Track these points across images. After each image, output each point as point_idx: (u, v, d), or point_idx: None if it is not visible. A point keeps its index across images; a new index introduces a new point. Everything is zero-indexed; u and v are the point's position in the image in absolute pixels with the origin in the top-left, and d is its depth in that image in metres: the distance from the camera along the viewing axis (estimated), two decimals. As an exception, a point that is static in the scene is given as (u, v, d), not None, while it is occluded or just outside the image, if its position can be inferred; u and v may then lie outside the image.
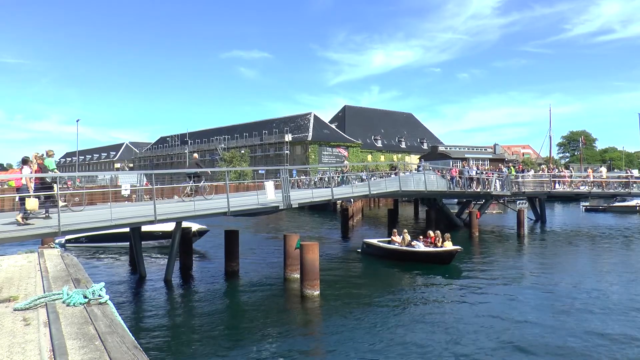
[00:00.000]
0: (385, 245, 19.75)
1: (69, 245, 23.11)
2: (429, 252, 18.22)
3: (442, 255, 17.96)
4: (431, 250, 18.26)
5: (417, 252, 18.43)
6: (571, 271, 17.24)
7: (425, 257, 18.22)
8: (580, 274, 16.61)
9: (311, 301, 13.08)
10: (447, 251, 17.90)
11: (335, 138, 77.62)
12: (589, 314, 11.74)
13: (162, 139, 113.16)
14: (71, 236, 23.09)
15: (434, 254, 18.09)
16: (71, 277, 6.03)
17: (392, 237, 20.02)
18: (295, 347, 9.73)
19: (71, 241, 23.24)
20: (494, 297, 13.52)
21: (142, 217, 13.05)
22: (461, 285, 14.95)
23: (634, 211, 40.90)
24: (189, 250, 18.08)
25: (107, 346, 3.34)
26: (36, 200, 11.27)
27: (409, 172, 30.27)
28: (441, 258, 17.94)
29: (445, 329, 10.63)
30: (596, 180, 34.24)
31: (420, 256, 18.36)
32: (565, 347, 9.48)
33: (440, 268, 17.27)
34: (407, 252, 18.68)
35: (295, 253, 15.01)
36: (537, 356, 9.02)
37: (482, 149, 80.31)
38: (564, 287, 14.62)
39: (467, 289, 14.52)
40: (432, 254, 18.13)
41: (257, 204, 15.90)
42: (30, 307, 4.57)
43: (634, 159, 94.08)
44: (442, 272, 16.76)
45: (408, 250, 18.67)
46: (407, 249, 18.72)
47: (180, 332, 11.03)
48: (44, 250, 8.61)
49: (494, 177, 30.55)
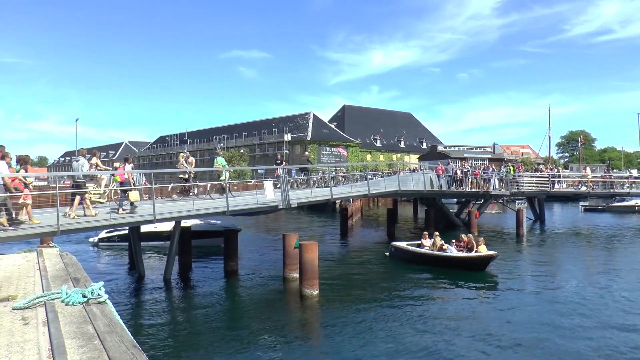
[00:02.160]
0: (414, 249, 18.68)
1: (102, 245, 23.08)
2: (461, 258, 16.93)
3: (476, 260, 16.73)
4: (464, 255, 16.98)
5: (449, 257, 17.17)
6: (580, 273, 17.26)
7: (457, 263, 17.01)
8: (586, 274, 16.64)
9: (310, 301, 13.09)
10: (481, 256, 16.69)
11: (335, 138, 77.60)
12: (602, 318, 11.70)
13: (162, 138, 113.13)
14: (104, 235, 23.14)
15: (467, 260, 16.83)
16: (70, 276, 6.02)
17: (422, 241, 18.89)
18: (294, 346, 9.74)
19: (104, 240, 23.21)
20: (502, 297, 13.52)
21: (141, 216, 13.03)
22: (471, 287, 14.93)
23: (633, 211, 40.95)
24: (188, 249, 18.07)
25: (106, 345, 3.34)
26: (137, 193, 13.94)
27: (409, 171, 30.31)
28: (475, 264, 16.74)
29: (447, 330, 10.64)
30: (583, 180, 34.21)
31: (452, 261, 17.12)
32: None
33: (472, 275, 16.11)
34: (438, 257, 17.47)
35: (295, 252, 15.01)
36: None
37: (481, 149, 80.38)
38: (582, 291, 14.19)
39: (475, 290, 14.53)
40: (464, 260, 16.86)
41: (256, 203, 15.90)
42: (29, 306, 4.57)
43: (633, 158, 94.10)
44: (468, 277, 15.74)
45: (439, 255, 17.45)
46: (438, 254, 17.51)
47: (179, 331, 11.03)
48: (43, 250, 8.60)
49: (492, 176, 30.14)
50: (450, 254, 17.23)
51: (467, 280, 15.44)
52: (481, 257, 16.70)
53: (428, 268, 17.17)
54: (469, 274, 16.11)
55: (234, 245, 17.41)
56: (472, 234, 18.26)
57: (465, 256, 16.88)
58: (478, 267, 16.66)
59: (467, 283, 15.13)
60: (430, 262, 17.60)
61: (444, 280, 15.55)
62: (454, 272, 16.40)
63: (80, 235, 24.70)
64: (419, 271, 16.89)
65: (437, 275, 16.27)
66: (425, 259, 17.88)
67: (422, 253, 18.10)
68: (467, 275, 16.03)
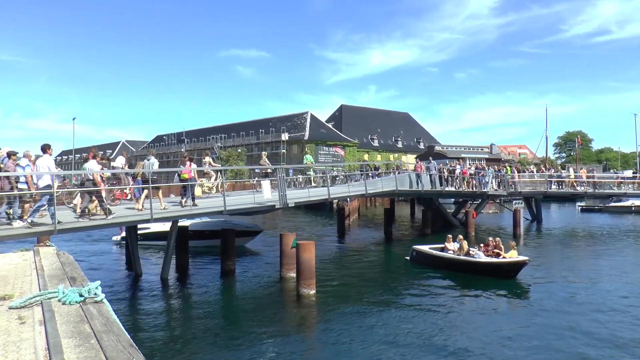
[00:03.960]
0: (439, 253, 17.53)
1: (124, 243, 22.89)
2: (490, 264, 15.77)
3: (506, 267, 15.55)
4: (494, 261, 15.78)
5: (477, 263, 16.03)
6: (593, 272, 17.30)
7: (485, 269, 15.83)
8: (590, 274, 16.69)
9: (307, 300, 13.10)
10: (512, 263, 15.49)
11: (332, 137, 77.58)
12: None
13: (159, 137, 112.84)
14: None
15: (496, 266, 15.65)
16: (67, 275, 6.01)
17: (446, 244, 17.77)
18: (290, 346, 9.74)
19: (126, 239, 23.02)
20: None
21: (138, 215, 13.01)
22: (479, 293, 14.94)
23: (630, 211, 41.08)
24: (185, 249, 18.05)
25: (103, 345, 3.34)
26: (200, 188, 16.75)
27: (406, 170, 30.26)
28: (505, 271, 15.53)
29: (446, 329, 10.67)
30: (561, 180, 34.31)
31: (480, 267, 15.95)
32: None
33: (499, 282, 14.96)
34: (466, 263, 16.37)
35: (292, 252, 15.02)
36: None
37: (479, 149, 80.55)
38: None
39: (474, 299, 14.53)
40: (494, 266, 15.69)
41: (254, 203, 15.90)
42: (26, 305, 4.56)
43: (630, 159, 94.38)
44: (493, 284, 14.67)
45: (466, 261, 16.35)
46: (465, 259, 16.43)
47: (176, 330, 11.03)
48: (39, 249, 8.58)
49: (485, 176, 29.85)
50: (478, 259, 16.09)
51: (490, 287, 14.45)
52: (512, 263, 15.49)
53: (445, 272, 16.42)
54: (496, 281, 15.03)
55: (231, 244, 17.40)
56: (499, 238, 17.06)
57: (495, 262, 15.73)
58: (508, 275, 15.47)
59: (487, 290, 14.13)
60: (456, 267, 16.58)
61: (458, 285, 15.01)
62: (476, 278, 15.48)
63: (102, 234, 24.96)
64: (427, 273, 16.73)
65: (454, 279, 15.62)
66: (451, 264, 16.83)
67: (449, 258, 16.99)
68: (493, 282, 14.96)
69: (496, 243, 16.48)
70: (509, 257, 15.72)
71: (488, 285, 14.67)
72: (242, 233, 22.07)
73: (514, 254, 15.80)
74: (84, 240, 24.91)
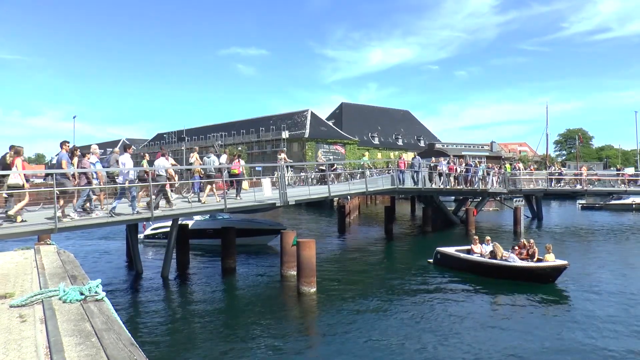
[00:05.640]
0: (467, 256, 16.28)
1: (147, 241, 23.05)
2: (528, 268, 14.58)
3: (546, 271, 14.40)
4: (532, 265, 14.62)
5: (512, 267, 14.80)
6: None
7: (522, 274, 14.66)
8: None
9: (308, 298, 13.11)
10: (553, 267, 14.36)
11: (332, 135, 77.52)
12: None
13: (159, 135, 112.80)
14: (149, 232, 23.09)
15: (533, 270, 14.50)
16: (68, 273, 6.01)
17: (472, 246, 16.58)
18: (291, 343, 9.76)
19: (149, 237, 23.15)
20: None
21: (138, 214, 13.01)
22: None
23: (630, 209, 41.07)
24: (185, 247, 18.07)
25: (104, 343, 3.33)
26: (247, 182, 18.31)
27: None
28: (545, 275, 14.43)
29: (444, 327, 10.67)
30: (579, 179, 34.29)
31: (516, 272, 14.75)
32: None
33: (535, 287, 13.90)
34: (499, 267, 15.11)
35: (292, 250, 15.02)
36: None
37: (479, 147, 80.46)
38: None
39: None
40: (530, 270, 14.54)
41: (254, 200, 15.90)
42: (27, 303, 4.56)
43: (630, 156, 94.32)
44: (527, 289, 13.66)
45: (501, 265, 15.09)
46: (500, 263, 15.15)
47: (177, 328, 11.04)
48: (40, 247, 8.58)
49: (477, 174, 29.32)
50: (513, 263, 14.88)
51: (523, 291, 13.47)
52: (552, 267, 14.36)
53: (469, 275, 15.54)
54: (531, 286, 13.98)
55: (232, 242, 17.40)
56: (532, 240, 15.93)
57: (533, 266, 14.56)
58: (547, 279, 14.40)
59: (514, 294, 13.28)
60: (488, 271, 15.36)
61: (479, 286, 14.35)
62: (507, 283, 14.46)
63: (104, 232, 25.12)
64: (430, 272, 16.67)
65: (473, 280, 14.88)
66: (481, 268, 15.58)
67: (480, 262, 15.72)
68: (527, 287, 13.94)
69: (530, 245, 15.46)
70: (547, 260, 14.55)
71: (520, 289, 13.71)
72: (265, 231, 22.07)
73: (552, 257, 14.58)
74: (85, 238, 24.93)
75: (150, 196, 12.65)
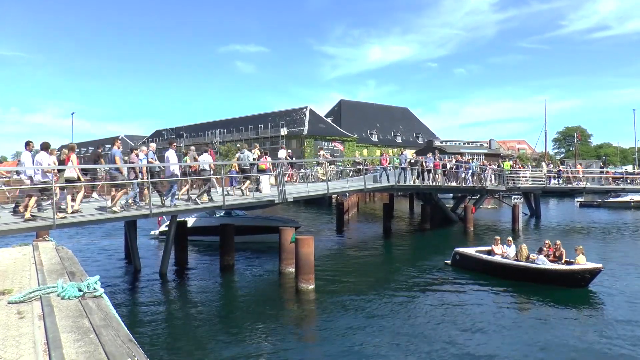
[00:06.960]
0: (490, 258, 15.43)
1: (162, 237, 22.83)
2: (561, 271, 13.66)
3: (579, 274, 13.47)
4: (563, 268, 13.70)
5: (543, 270, 13.90)
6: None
7: (553, 277, 13.75)
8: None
9: (306, 295, 13.13)
10: (587, 270, 13.43)
11: (331, 132, 77.47)
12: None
13: (158, 132, 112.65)
14: (164, 228, 22.65)
15: (566, 274, 13.59)
16: (66, 270, 6.02)
17: (493, 247, 15.83)
18: (289, 340, 9.79)
19: (163, 233, 22.89)
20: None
21: (137, 211, 13.01)
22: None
23: (628, 207, 41.16)
24: (184, 244, 18.06)
25: (102, 339, 3.34)
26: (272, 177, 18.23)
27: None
28: (578, 279, 13.48)
29: (445, 327, 10.69)
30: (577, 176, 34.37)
31: (546, 275, 13.83)
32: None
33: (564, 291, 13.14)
34: (527, 269, 14.19)
35: (291, 247, 15.03)
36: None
37: (478, 144, 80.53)
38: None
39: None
40: (562, 274, 13.63)
41: (253, 197, 15.90)
42: (25, 300, 4.57)
43: (628, 154, 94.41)
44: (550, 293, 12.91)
45: (529, 267, 14.16)
46: (528, 265, 14.23)
47: (175, 325, 11.06)
48: (38, 244, 8.58)
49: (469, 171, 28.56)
50: (542, 265, 13.98)
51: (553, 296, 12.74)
52: (586, 270, 13.44)
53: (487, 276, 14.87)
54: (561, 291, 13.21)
55: (230, 239, 17.40)
56: (559, 241, 14.98)
57: (566, 269, 13.67)
58: (579, 283, 13.46)
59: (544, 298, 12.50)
60: (513, 274, 14.47)
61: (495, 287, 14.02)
62: (530, 286, 13.68)
63: (106, 229, 25.32)
64: (433, 271, 16.69)
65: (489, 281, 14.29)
66: (506, 270, 14.71)
67: (505, 264, 14.87)
68: (556, 291, 13.17)
69: (556, 246, 14.62)
70: (578, 263, 13.74)
71: (549, 294, 12.96)
72: (274, 229, 21.98)
73: (583, 260, 13.77)
74: (84, 235, 24.92)
75: (188, 191, 13.68)
